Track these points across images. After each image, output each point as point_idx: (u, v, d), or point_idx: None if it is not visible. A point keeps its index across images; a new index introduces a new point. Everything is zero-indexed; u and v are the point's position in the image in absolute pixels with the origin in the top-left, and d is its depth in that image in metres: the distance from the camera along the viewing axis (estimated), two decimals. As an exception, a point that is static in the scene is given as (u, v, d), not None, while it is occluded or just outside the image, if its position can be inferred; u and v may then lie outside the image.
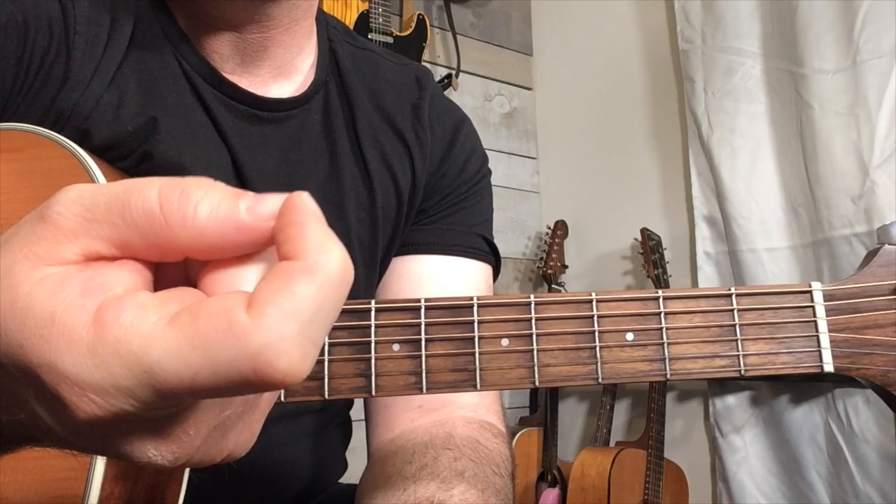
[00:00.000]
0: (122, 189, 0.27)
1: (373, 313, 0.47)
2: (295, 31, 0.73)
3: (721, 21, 2.10)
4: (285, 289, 0.24)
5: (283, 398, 0.49)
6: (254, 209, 0.26)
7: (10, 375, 0.26)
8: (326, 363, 0.48)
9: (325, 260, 0.25)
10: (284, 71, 0.74)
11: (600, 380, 0.41)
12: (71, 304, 0.25)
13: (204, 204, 0.26)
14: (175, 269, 0.29)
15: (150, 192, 0.26)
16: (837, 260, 1.83)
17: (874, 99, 1.78)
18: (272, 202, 0.26)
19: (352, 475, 0.89)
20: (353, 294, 0.30)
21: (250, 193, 0.27)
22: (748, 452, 1.98)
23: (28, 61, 0.63)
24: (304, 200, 0.26)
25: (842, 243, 1.82)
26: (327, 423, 0.83)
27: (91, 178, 0.58)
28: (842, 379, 1.76)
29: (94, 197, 0.27)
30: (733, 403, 2.02)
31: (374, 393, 0.47)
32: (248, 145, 0.71)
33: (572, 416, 2.44)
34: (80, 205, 0.26)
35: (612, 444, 2.16)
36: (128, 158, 0.66)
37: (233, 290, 0.26)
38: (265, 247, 0.27)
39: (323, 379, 0.48)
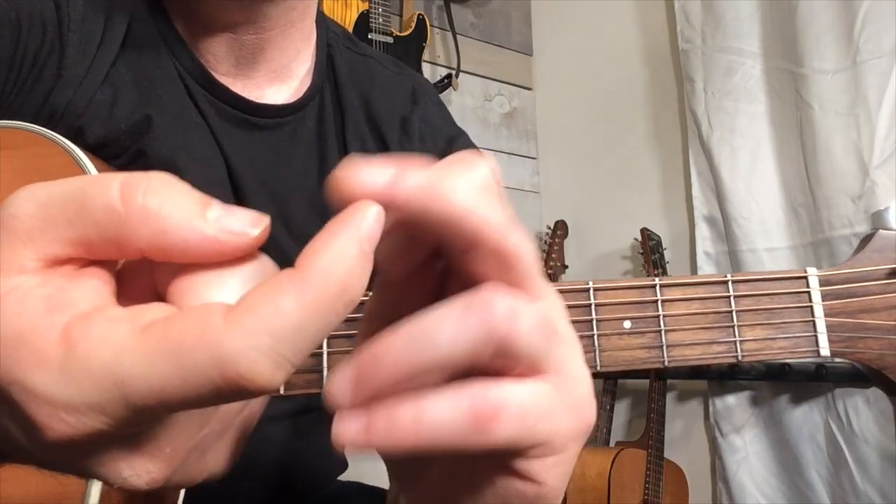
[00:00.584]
0: (80, 185, 0.25)
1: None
2: (291, 33, 0.73)
3: (721, 21, 2.10)
4: (269, 299, 0.23)
5: (282, 391, 0.48)
6: (219, 221, 0.25)
7: None
8: (325, 356, 0.47)
9: (324, 278, 0.24)
10: (280, 75, 0.74)
11: (598, 368, 0.41)
12: (38, 322, 0.24)
13: (169, 203, 0.25)
14: (141, 279, 0.28)
15: (110, 187, 0.25)
16: (837, 260, 1.83)
17: (874, 99, 1.79)
18: (240, 217, 0.25)
19: (352, 473, 0.89)
20: None
21: (218, 203, 0.26)
22: (748, 452, 1.98)
23: (21, 59, 0.63)
24: (366, 213, 0.25)
25: (842, 243, 1.82)
26: (326, 420, 0.83)
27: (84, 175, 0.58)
28: (842, 379, 1.78)
29: (49, 196, 0.26)
30: (733, 403, 2.02)
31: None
32: (240, 150, 0.71)
33: (572, 417, 2.43)
34: (35, 204, 0.25)
35: (612, 444, 2.16)
36: (121, 156, 0.66)
37: (212, 300, 0.25)
38: (236, 259, 0.26)
39: (322, 371, 0.47)
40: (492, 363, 0.26)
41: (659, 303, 0.42)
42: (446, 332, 0.25)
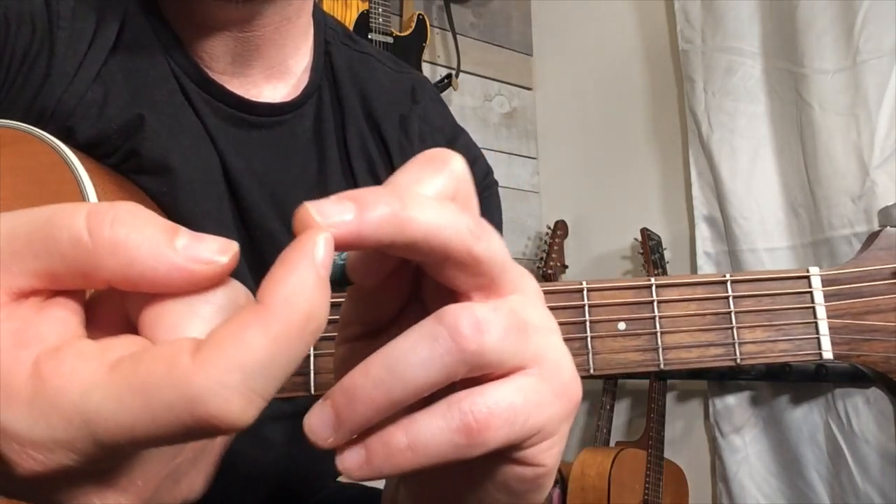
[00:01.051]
0: (45, 217, 0.25)
1: None
2: (288, 29, 0.72)
3: (721, 21, 2.10)
4: (236, 335, 0.23)
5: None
6: (188, 250, 0.25)
7: None
8: (312, 358, 0.47)
9: (288, 312, 0.23)
10: (277, 72, 0.73)
11: (592, 371, 0.40)
12: (6, 358, 0.24)
13: (136, 234, 0.25)
14: (111, 307, 0.28)
15: (76, 218, 0.25)
16: (837, 260, 1.82)
17: (874, 99, 1.78)
18: (208, 245, 0.25)
19: (350, 474, 0.88)
20: None
21: (185, 232, 0.25)
22: (748, 452, 1.98)
23: (10, 57, 0.63)
24: (313, 242, 0.25)
25: (842, 243, 1.81)
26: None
27: (73, 175, 0.58)
28: (842, 379, 1.77)
29: (14, 228, 0.25)
30: (733, 403, 2.02)
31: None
32: (236, 149, 0.70)
33: (572, 417, 2.43)
34: (2, 233, 0.25)
35: (612, 444, 2.16)
36: (113, 156, 0.65)
37: (179, 336, 0.25)
38: (204, 287, 0.26)
39: (309, 374, 0.47)
40: (472, 373, 0.27)
41: (655, 303, 0.41)
42: (415, 364, 0.26)
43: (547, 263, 2.31)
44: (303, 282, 0.24)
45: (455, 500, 0.32)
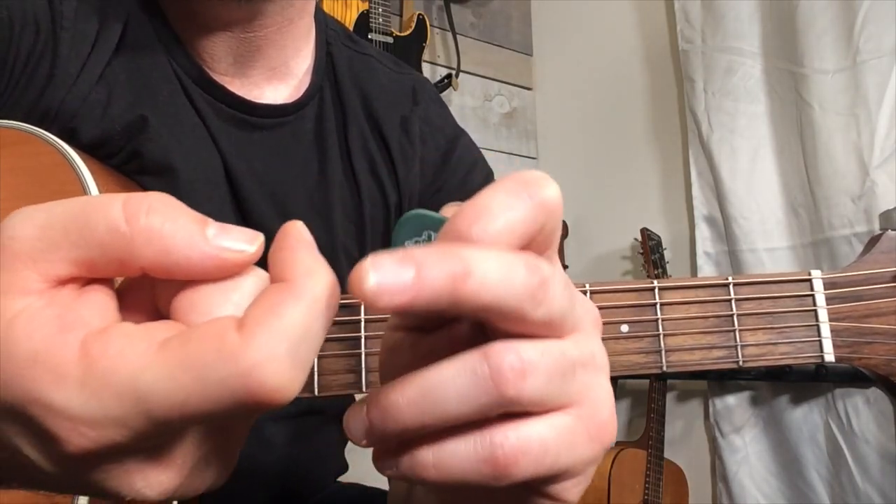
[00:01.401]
0: (80, 207, 0.26)
1: (363, 308, 0.46)
2: (290, 30, 0.72)
3: (721, 21, 2.10)
4: (274, 311, 0.25)
5: None
6: (218, 239, 0.26)
7: None
8: (316, 359, 0.47)
9: (312, 283, 0.26)
10: (279, 73, 0.73)
11: (595, 373, 0.40)
12: (52, 342, 0.25)
13: (171, 223, 0.26)
14: (140, 295, 0.29)
15: (113, 207, 0.26)
16: (837, 260, 1.82)
17: (874, 99, 1.78)
18: (236, 235, 0.27)
19: (352, 475, 0.88)
20: None
21: (214, 222, 0.27)
22: (748, 452, 1.98)
23: (14, 59, 0.63)
24: (297, 228, 0.27)
25: (842, 243, 1.81)
26: (326, 423, 0.82)
27: (77, 175, 0.58)
28: (842, 379, 1.77)
29: (49, 218, 0.26)
30: (733, 403, 2.02)
31: (364, 389, 0.46)
32: (238, 150, 0.70)
33: (572, 417, 2.43)
34: (35, 226, 0.26)
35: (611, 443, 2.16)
36: (116, 156, 0.65)
37: (218, 316, 0.26)
38: (233, 274, 0.27)
39: (313, 374, 0.47)
40: (508, 411, 0.27)
41: (657, 306, 0.41)
42: (451, 395, 0.26)
43: (547, 263, 2.31)
44: (313, 258, 0.26)
45: None
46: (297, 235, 0.27)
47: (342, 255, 0.73)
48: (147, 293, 0.29)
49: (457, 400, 0.26)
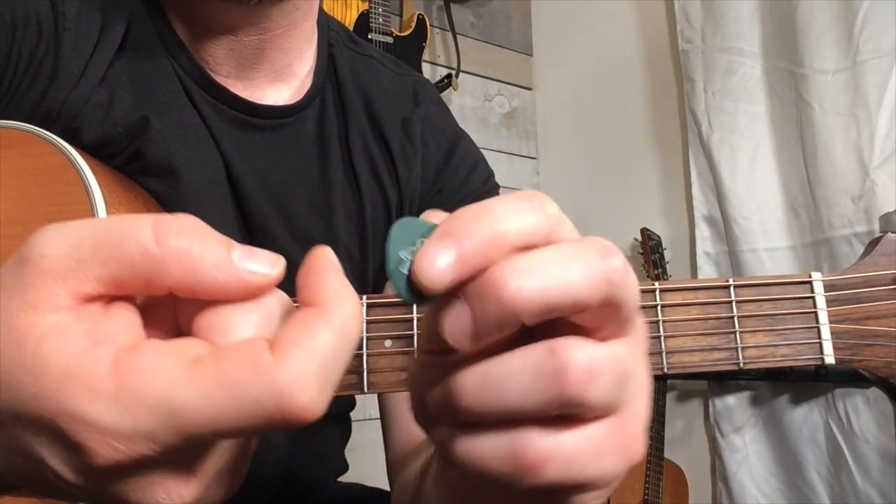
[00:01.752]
0: (110, 227, 0.27)
1: (364, 309, 0.46)
2: (293, 34, 0.72)
3: (721, 21, 2.10)
4: (307, 332, 0.26)
5: None
6: (243, 261, 0.27)
7: (15, 425, 0.27)
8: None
9: (342, 308, 0.26)
10: (282, 75, 0.73)
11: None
12: (85, 356, 0.26)
13: (199, 245, 0.27)
14: (161, 313, 0.29)
15: (143, 229, 0.27)
16: (837, 260, 1.82)
17: (874, 99, 1.78)
18: (260, 258, 0.28)
19: (352, 475, 0.88)
20: None
21: (238, 245, 0.28)
22: (748, 452, 1.98)
23: (16, 60, 0.63)
24: (325, 252, 0.28)
25: (842, 243, 1.81)
26: (327, 423, 0.82)
27: (79, 175, 0.58)
28: (842, 379, 1.77)
29: (80, 236, 0.27)
30: (733, 403, 2.02)
31: (366, 390, 0.46)
32: (240, 151, 0.70)
33: (572, 417, 2.43)
34: (64, 244, 0.27)
35: (611, 444, 2.16)
36: (118, 157, 0.65)
37: (241, 334, 0.27)
38: (254, 295, 0.28)
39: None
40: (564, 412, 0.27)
41: (658, 308, 0.41)
42: (513, 388, 0.26)
43: (547, 263, 2.31)
44: (341, 282, 0.27)
45: None
46: (326, 260, 0.28)
47: (343, 256, 0.73)
48: (168, 311, 0.29)
49: (517, 394, 0.26)
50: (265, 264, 0.28)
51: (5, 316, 0.26)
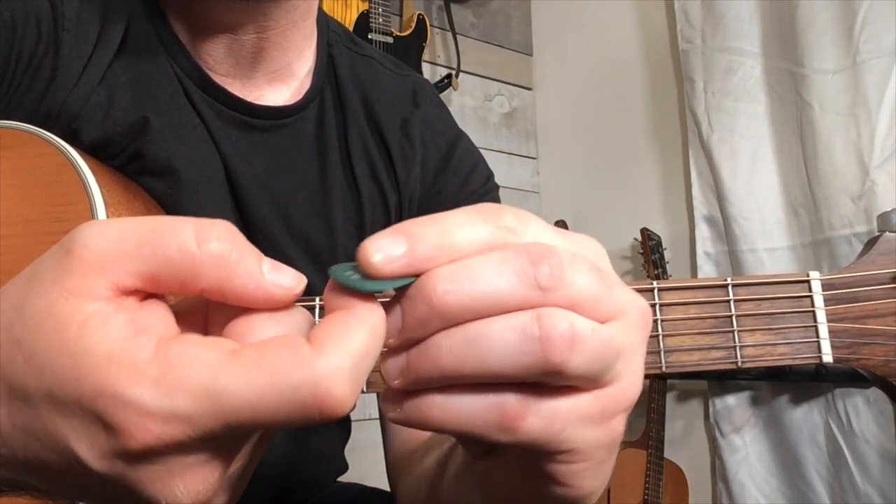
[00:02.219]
0: (154, 225, 0.28)
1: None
2: (292, 33, 0.72)
3: (721, 21, 2.10)
4: (343, 330, 0.27)
5: None
6: (271, 274, 0.28)
7: (49, 407, 0.27)
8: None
9: (372, 313, 0.28)
10: (281, 75, 0.73)
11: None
12: (128, 343, 0.27)
13: (236, 252, 0.28)
14: (194, 316, 0.31)
15: (185, 230, 0.28)
16: (837, 260, 1.83)
17: (874, 99, 1.78)
18: (287, 274, 0.29)
19: (352, 475, 0.88)
20: None
21: (267, 259, 0.29)
22: (748, 452, 1.98)
23: (16, 60, 0.63)
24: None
25: (842, 243, 1.81)
26: (328, 424, 0.82)
27: (79, 176, 0.58)
28: (842, 379, 1.77)
29: (122, 233, 0.28)
30: (733, 403, 2.02)
31: (364, 389, 0.46)
32: (238, 152, 0.70)
33: (572, 417, 2.43)
34: (108, 239, 0.28)
35: (611, 444, 2.16)
36: (118, 157, 0.65)
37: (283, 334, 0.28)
38: (276, 307, 0.29)
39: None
40: (545, 381, 0.28)
41: (657, 307, 0.41)
42: (496, 348, 0.27)
43: (547, 263, 2.31)
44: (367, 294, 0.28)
45: None
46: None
47: (342, 257, 0.73)
48: (199, 316, 0.31)
49: (500, 355, 0.27)
50: (291, 280, 0.29)
51: (46, 301, 0.27)
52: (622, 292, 0.30)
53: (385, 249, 0.27)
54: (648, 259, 2.10)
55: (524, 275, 0.27)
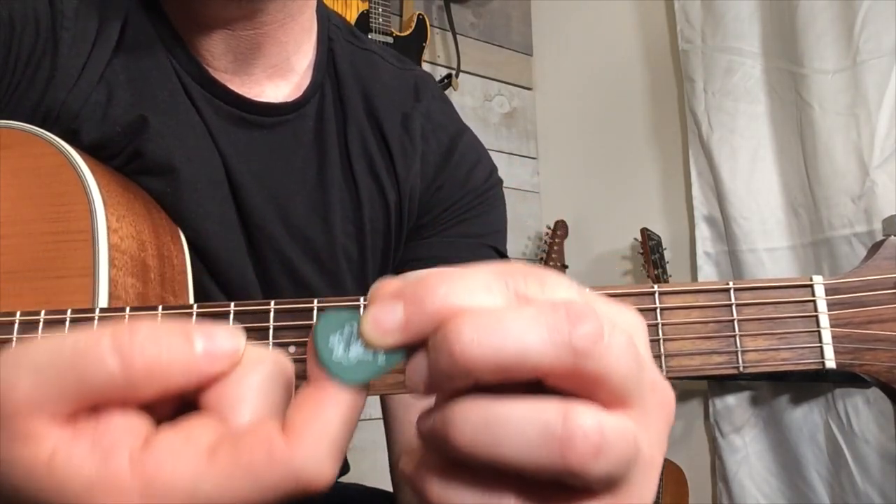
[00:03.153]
0: (69, 354, 0.26)
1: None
2: (290, 27, 0.71)
3: (721, 21, 2.10)
4: (315, 412, 0.27)
5: None
6: (208, 348, 0.27)
7: None
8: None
9: (341, 389, 0.27)
10: (280, 70, 0.73)
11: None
12: (102, 471, 0.26)
13: (166, 353, 0.27)
14: None
15: (103, 350, 0.26)
16: (837, 260, 1.82)
17: (874, 99, 1.78)
18: (222, 337, 0.28)
19: (352, 475, 0.88)
20: None
21: (197, 330, 0.27)
22: (748, 452, 1.98)
23: (15, 60, 0.63)
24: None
25: (842, 243, 1.81)
26: None
27: (78, 176, 0.58)
28: (842, 379, 1.77)
29: (38, 366, 0.27)
30: (733, 403, 2.02)
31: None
32: (237, 150, 0.70)
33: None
34: (26, 375, 0.27)
35: (611, 444, 2.16)
36: (118, 157, 0.65)
37: (241, 405, 0.28)
38: (227, 371, 0.28)
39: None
40: (572, 387, 0.26)
41: (658, 311, 0.41)
42: (515, 439, 0.25)
43: (547, 263, 2.31)
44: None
45: None
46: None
47: (341, 256, 0.73)
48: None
49: (517, 447, 0.25)
50: (229, 342, 0.28)
51: (4, 452, 0.27)
52: (653, 373, 0.28)
53: (382, 321, 0.26)
54: (648, 259, 2.10)
55: (558, 334, 0.24)
